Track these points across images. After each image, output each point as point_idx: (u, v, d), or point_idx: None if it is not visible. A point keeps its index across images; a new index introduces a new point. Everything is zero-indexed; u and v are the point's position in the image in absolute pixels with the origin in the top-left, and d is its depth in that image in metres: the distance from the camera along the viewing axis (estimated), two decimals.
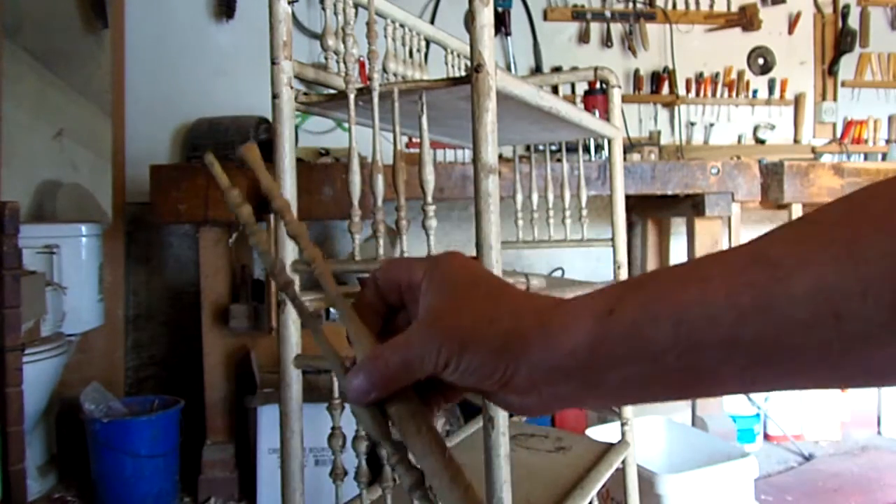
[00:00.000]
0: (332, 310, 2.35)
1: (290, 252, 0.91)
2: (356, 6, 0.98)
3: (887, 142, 3.52)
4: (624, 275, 1.38)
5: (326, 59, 0.97)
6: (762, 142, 3.42)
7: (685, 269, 0.30)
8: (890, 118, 3.55)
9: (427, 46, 1.26)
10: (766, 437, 2.74)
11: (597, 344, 0.31)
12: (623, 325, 0.30)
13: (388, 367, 0.35)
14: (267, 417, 2.03)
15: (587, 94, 2.89)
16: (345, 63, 0.92)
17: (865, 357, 0.26)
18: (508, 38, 3.07)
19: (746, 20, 3.36)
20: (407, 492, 0.36)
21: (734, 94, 3.38)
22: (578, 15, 3.23)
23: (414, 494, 0.36)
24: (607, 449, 1.30)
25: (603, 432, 1.96)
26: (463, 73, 1.18)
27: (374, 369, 0.35)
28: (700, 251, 2.51)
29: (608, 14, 3.25)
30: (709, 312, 0.28)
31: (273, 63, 0.88)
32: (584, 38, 3.25)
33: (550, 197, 1.51)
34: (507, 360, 0.32)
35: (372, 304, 0.40)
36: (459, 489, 0.33)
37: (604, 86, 1.40)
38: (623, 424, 1.34)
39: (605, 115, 1.37)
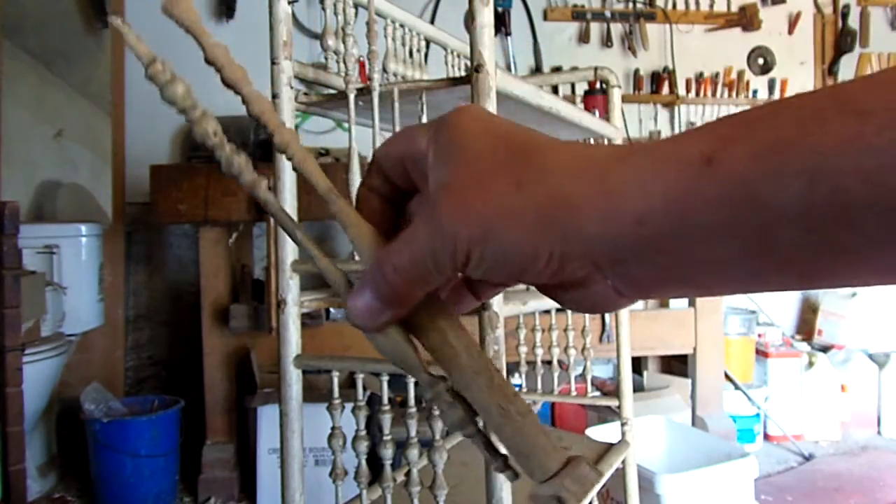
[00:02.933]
0: (332, 309, 2.35)
1: (289, 252, 0.91)
2: (356, 6, 0.98)
3: None
4: None
5: (326, 59, 0.97)
6: None
7: (813, 99, 0.20)
8: None
9: (427, 46, 1.26)
10: (766, 437, 2.74)
11: (683, 207, 0.21)
12: (727, 182, 0.20)
13: (396, 275, 0.26)
14: (267, 417, 2.04)
15: (587, 94, 2.89)
16: (345, 63, 0.92)
17: None
18: (508, 38, 3.07)
19: (746, 20, 3.36)
20: (453, 429, 0.29)
21: (734, 94, 3.38)
22: (578, 15, 3.23)
23: (465, 432, 0.28)
24: (607, 449, 1.30)
25: (603, 432, 1.96)
26: (463, 73, 1.18)
27: (380, 280, 0.26)
28: None
29: (608, 14, 3.25)
30: (873, 163, 0.18)
31: (273, 63, 0.88)
32: (584, 38, 3.25)
33: None
34: (551, 239, 0.23)
35: (378, 193, 0.31)
36: (523, 421, 0.26)
37: (604, 86, 1.40)
38: (623, 424, 1.34)
39: (605, 115, 1.37)
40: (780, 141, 0.20)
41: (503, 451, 0.27)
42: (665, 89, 3.30)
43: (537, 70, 3.17)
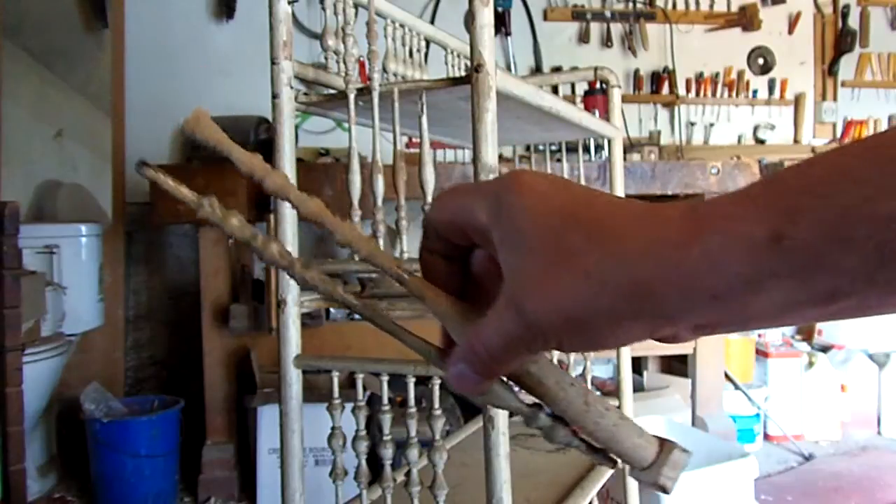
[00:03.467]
0: (332, 309, 2.35)
1: (292, 253, 0.91)
2: (356, 6, 0.98)
3: None
4: None
5: (326, 59, 0.97)
6: (762, 142, 3.42)
7: (868, 159, 0.22)
8: (890, 118, 3.55)
9: (427, 46, 1.26)
10: (766, 437, 2.74)
11: (756, 281, 0.23)
12: (797, 256, 0.22)
13: (489, 356, 0.28)
14: (267, 417, 2.04)
15: (587, 94, 2.89)
16: (345, 63, 0.92)
17: None
18: (508, 38, 3.07)
19: (746, 20, 3.36)
20: (558, 444, 0.32)
21: (734, 94, 3.38)
22: (578, 15, 3.23)
23: (570, 445, 0.32)
24: None
25: None
26: (463, 73, 1.18)
27: (474, 359, 0.29)
28: None
29: (608, 14, 3.25)
30: None
31: (273, 63, 0.88)
32: (584, 38, 3.25)
33: None
34: (634, 321, 0.25)
35: (439, 253, 0.32)
36: (617, 429, 0.30)
37: (604, 86, 1.40)
38: None
39: (605, 115, 1.37)
40: (846, 211, 0.21)
41: (602, 447, 0.31)
42: (665, 89, 3.30)
43: (537, 70, 3.16)
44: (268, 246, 0.30)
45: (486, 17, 0.79)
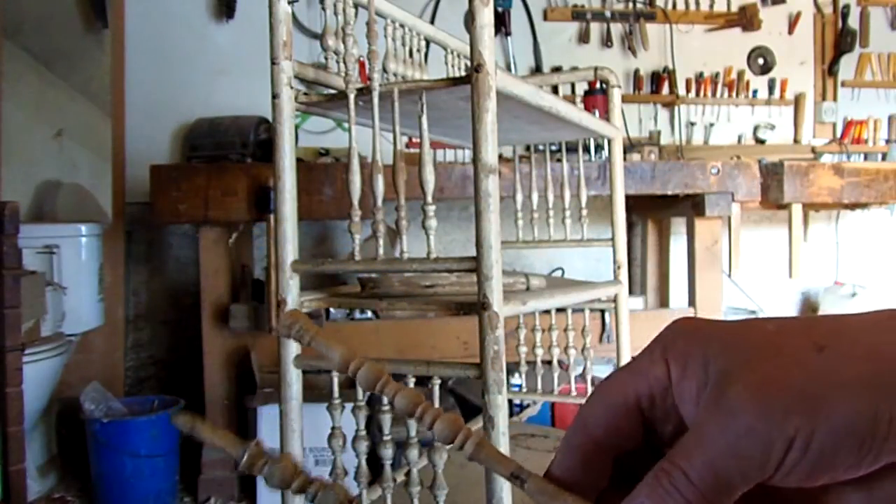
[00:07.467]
0: (332, 309, 2.35)
1: (289, 252, 0.91)
2: (356, 6, 0.98)
3: (887, 142, 3.52)
4: (624, 275, 1.37)
5: (326, 59, 0.97)
6: (762, 142, 3.41)
7: None
8: (890, 118, 3.55)
9: (427, 46, 1.26)
10: None
11: None
12: None
13: (721, 484, 0.21)
14: (267, 417, 2.03)
15: (587, 94, 2.89)
16: (345, 63, 0.92)
17: None
18: (508, 38, 3.07)
19: (746, 20, 3.36)
20: None
21: (734, 94, 3.38)
22: (578, 15, 3.23)
23: None
24: None
25: None
26: (463, 73, 1.18)
27: (694, 493, 0.21)
28: (700, 251, 2.52)
29: (608, 14, 3.25)
30: None
31: (273, 63, 0.88)
32: (584, 38, 3.25)
33: (550, 197, 1.51)
34: (887, 398, 0.20)
35: (584, 469, 0.25)
36: None
37: (604, 86, 1.40)
38: None
39: (605, 115, 1.37)
40: None
41: None
42: (665, 89, 3.30)
43: (537, 70, 3.16)
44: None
45: (486, 17, 0.79)
